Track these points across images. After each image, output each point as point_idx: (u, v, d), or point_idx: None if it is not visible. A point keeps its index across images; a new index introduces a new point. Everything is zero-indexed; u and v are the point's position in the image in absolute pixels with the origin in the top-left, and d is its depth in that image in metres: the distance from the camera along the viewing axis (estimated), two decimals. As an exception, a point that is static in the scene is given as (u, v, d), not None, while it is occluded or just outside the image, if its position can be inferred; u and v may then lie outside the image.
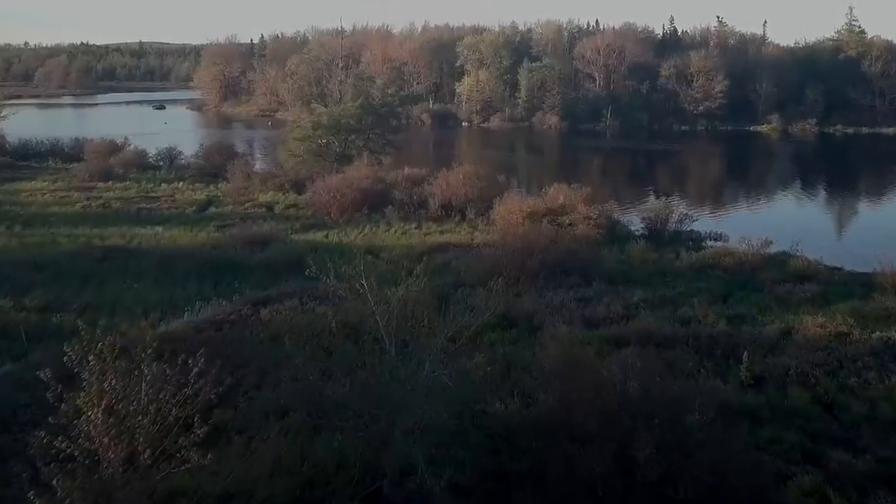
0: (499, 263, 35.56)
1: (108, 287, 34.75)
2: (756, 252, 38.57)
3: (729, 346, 27.46)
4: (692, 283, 35.81)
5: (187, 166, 68.51)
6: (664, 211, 45.94)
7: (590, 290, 34.07)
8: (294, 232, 46.47)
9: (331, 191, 51.58)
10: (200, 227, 47.44)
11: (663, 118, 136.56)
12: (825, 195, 75.59)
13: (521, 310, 30.72)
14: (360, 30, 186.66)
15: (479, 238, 44.32)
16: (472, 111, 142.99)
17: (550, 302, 32.11)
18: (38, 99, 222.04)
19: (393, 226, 48.03)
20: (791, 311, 32.28)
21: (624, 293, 33.73)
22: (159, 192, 59.37)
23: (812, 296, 33.81)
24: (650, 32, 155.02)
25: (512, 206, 45.25)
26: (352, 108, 64.21)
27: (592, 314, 30.63)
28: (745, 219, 58.85)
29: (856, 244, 47.99)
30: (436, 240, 44.30)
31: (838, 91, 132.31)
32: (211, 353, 16.75)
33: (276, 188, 58.56)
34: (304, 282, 34.31)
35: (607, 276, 36.04)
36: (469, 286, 34.03)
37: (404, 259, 40.11)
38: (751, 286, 35.78)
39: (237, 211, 52.44)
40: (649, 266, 38.48)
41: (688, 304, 32.36)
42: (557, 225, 43.09)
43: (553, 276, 35.80)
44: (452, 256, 40.12)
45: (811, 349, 26.90)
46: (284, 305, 30.95)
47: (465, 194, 51.37)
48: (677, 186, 79.34)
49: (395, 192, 52.69)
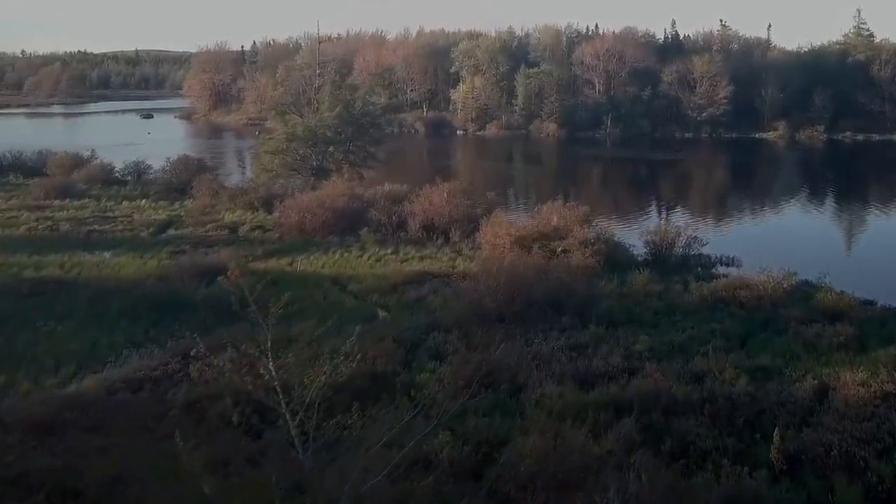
0: (480, 301, 30.70)
1: (25, 331, 29.85)
2: (777, 284, 33.50)
3: (752, 411, 22.51)
4: (705, 324, 30.76)
5: (154, 181, 63.54)
6: (670, 233, 40.89)
7: (585, 333, 29.06)
8: (255, 258, 41.52)
9: (301, 210, 46.74)
10: (153, 253, 42.56)
11: (665, 125, 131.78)
12: (839, 210, 70.45)
13: (502, 364, 25.79)
14: (353, 35, 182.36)
15: (462, 266, 39.42)
16: (468, 119, 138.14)
17: (539, 351, 27.10)
18: (27, 108, 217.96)
19: (367, 250, 43.10)
20: (823, 359, 27.36)
21: (625, 338, 28.73)
22: (118, 211, 54.49)
23: (846, 339, 28.81)
24: (651, 37, 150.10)
25: (499, 230, 40.27)
26: (329, 119, 59.24)
27: (588, 368, 25.61)
28: (756, 238, 54.00)
29: (886, 270, 43.06)
30: (413, 268, 39.34)
31: (846, 96, 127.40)
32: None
33: (245, 206, 53.68)
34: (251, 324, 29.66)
35: (606, 315, 31.01)
36: (444, 330, 29.13)
37: (374, 293, 35.31)
38: (773, 327, 30.77)
39: (197, 233, 47.52)
40: (654, 301, 33.44)
41: (701, 352, 27.40)
42: (550, 252, 38.12)
43: (543, 315, 30.86)
44: (429, 290, 35.17)
45: (854, 418, 21.88)
46: (222, 356, 25.90)
47: (448, 214, 46.45)
48: (681, 200, 74.49)
49: (373, 212, 47.69)
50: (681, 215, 65.33)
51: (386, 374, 25.15)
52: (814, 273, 39.55)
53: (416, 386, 24.39)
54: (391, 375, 25.07)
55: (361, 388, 23.57)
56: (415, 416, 16.82)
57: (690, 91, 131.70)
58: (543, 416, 21.62)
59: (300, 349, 16.41)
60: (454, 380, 24.22)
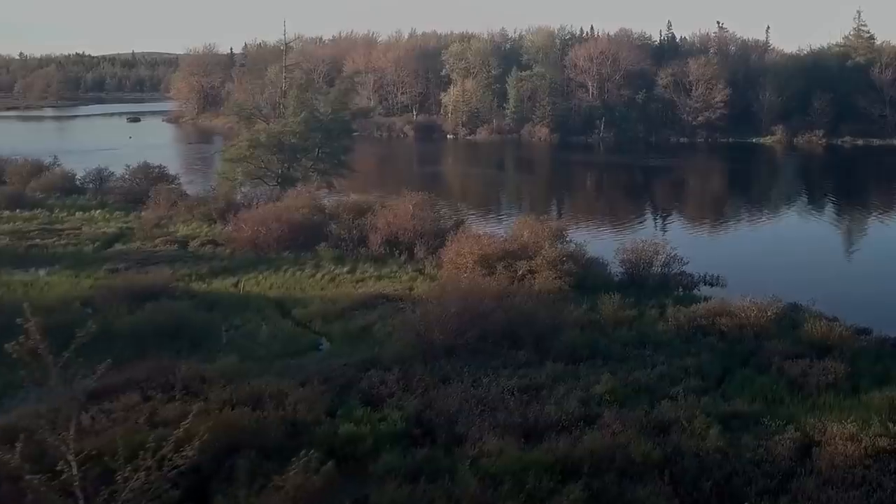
0: (429, 332, 27.44)
1: None
2: (760, 311, 30.20)
3: (723, 474, 19.21)
4: (679, 359, 27.42)
5: (112, 190, 60.22)
6: (647, 251, 37.56)
7: (542, 372, 25.75)
8: (199, 278, 38.28)
9: (255, 224, 43.55)
10: (90, 271, 39.31)
11: (660, 129, 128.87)
12: (838, 220, 67.22)
13: (441, 410, 22.58)
14: (344, 37, 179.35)
15: (421, 287, 36.21)
16: (458, 123, 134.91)
17: (486, 393, 23.77)
18: (16, 111, 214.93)
19: (323, 268, 39.87)
20: (809, 403, 24.17)
21: (587, 377, 25.43)
22: (68, 222, 51.22)
23: (835, 378, 25.55)
24: (647, 39, 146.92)
25: (462, 247, 37.01)
26: (293, 124, 55.94)
27: (538, 417, 22.30)
28: (748, 252, 50.92)
29: (887, 288, 39.84)
30: (368, 289, 36.08)
31: (846, 100, 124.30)
32: None
33: (203, 218, 50.46)
34: (171, 357, 26.45)
35: (569, 349, 27.67)
36: (384, 367, 25.86)
37: (319, 319, 32.07)
38: (755, 362, 27.50)
39: (144, 248, 44.27)
40: (624, 331, 30.11)
41: (671, 394, 24.14)
42: (514, 272, 34.87)
43: (498, 349, 27.63)
44: (379, 316, 31.86)
45: (840, 483, 18.65)
46: (121, 402, 22.70)
47: (414, 228, 43.24)
48: (672, 210, 71.43)
49: (333, 226, 44.44)
50: (671, 227, 62.40)
51: (306, 424, 21.91)
52: (807, 292, 36.67)
53: (339, 439, 21.16)
54: (311, 426, 21.80)
55: (276, 441, 20.49)
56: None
57: (686, 94, 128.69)
58: (475, 482, 18.40)
59: (128, 429, 13.13)
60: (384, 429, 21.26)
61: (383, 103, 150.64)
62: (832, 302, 36.78)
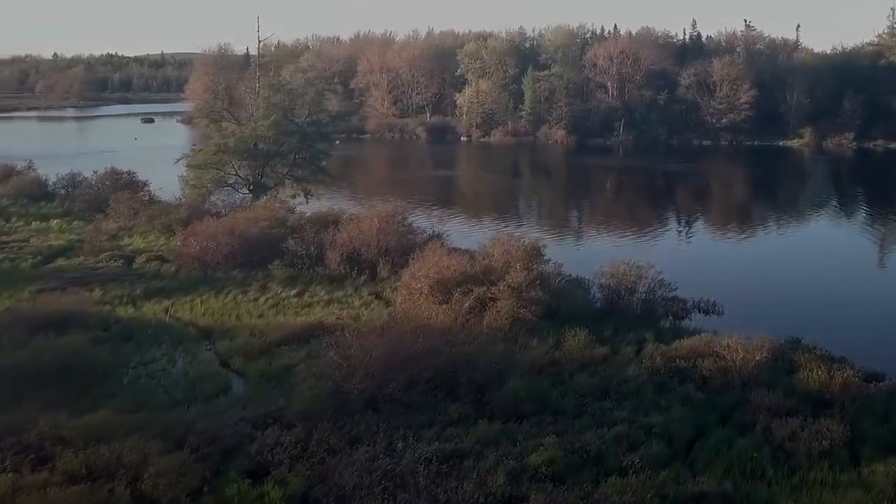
0: (346, 380, 23.21)
1: None
2: (748, 353, 25.54)
3: None
4: (645, 414, 22.94)
5: (79, 197, 56.60)
6: (629, 275, 32.85)
7: (474, 433, 21.38)
8: (129, 301, 34.36)
9: (204, 239, 39.62)
10: (14, 291, 35.56)
11: (682, 132, 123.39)
12: (865, 233, 61.56)
13: (334, 485, 18.39)
14: (362, 37, 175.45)
15: (368, 315, 31.99)
16: (472, 124, 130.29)
17: (396, 464, 19.45)
18: (36, 111, 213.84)
19: (269, 290, 35.78)
20: (795, 480, 19.62)
21: (526, 440, 21.00)
22: (19, 233, 47.72)
23: (831, 444, 20.93)
24: (670, 38, 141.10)
25: (419, 269, 32.66)
26: (263, 128, 51.92)
27: (451, 498, 18.03)
28: (758, 272, 45.80)
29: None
30: (308, 318, 31.90)
31: (879, 101, 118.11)
32: None
33: (162, 229, 46.66)
34: (49, 404, 22.41)
35: (513, 401, 23.21)
36: (286, 424, 21.65)
37: (241, 354, 27.92)
38: (736, 419, 22.88)
39: (85, 265, 40.44)
40: (586, 378, 25.58)
41: (624, 464, 19.71)
42: (476, 300, 30.46)
43: (429, 400, 23.34)
44: (308, 353, 27.62)
45: None
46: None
47: (378, 244, 39.03)
48: (689, 223, 66.25)
49: (290, 241, 40.33)
50: (691, 239, 58.61)
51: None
52: (817, 323, 32.40)
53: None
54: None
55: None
56: None
57: (710, 95, 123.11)
58: None
59: None
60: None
61: (397, 104, 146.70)
62: (852, 328, 32.58)
